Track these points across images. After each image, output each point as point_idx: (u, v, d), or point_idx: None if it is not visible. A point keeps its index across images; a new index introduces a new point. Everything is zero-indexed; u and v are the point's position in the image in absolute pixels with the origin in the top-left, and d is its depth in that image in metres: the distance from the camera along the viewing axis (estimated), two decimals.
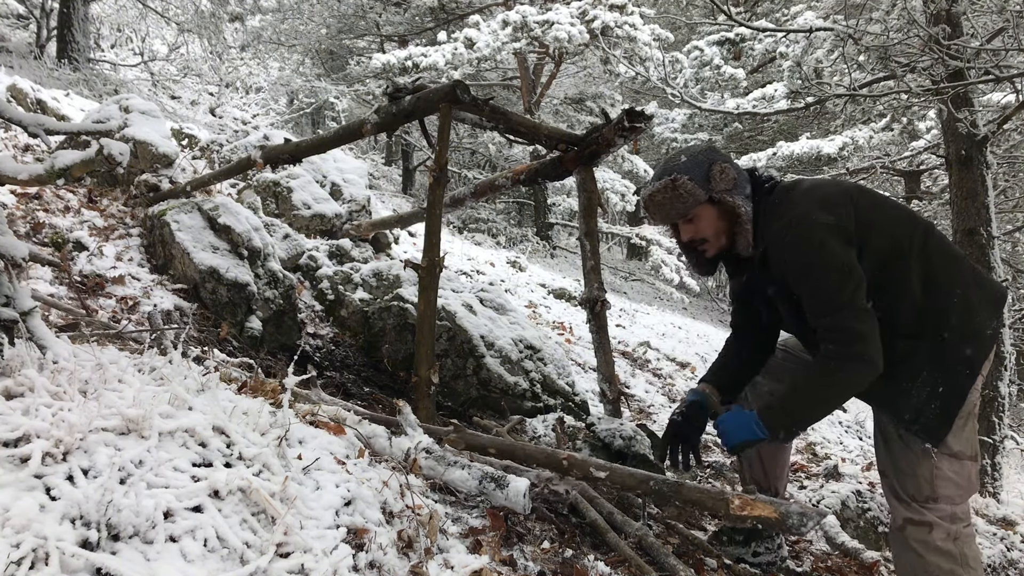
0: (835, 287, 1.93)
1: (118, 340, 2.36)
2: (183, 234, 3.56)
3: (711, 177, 2.07)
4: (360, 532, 1.50)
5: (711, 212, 2.10)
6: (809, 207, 2.01)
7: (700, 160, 2.10)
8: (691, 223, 2.13)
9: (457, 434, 2.36)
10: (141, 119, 4.67)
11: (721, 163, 2.09)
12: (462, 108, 3.11)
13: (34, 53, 11.41)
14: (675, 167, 2.10)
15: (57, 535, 1.10)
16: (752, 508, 1.87)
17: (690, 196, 2.06)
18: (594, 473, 2.17)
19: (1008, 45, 5.41)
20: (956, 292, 1.99)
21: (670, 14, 16.74)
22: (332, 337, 4.03)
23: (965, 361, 1.97)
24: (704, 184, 2.06)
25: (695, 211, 2.10)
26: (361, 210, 6.10)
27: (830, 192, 2.07)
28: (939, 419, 1.97)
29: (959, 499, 2.02)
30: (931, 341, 1.97)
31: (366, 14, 17.25)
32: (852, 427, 6.47)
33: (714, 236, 2.13)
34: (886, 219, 2.03)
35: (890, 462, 2.10)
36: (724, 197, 2.07)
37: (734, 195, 2.07)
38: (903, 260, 1.99)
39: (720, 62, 11.21)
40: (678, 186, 2.06)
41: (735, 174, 2.09)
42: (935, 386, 1.97)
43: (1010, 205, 9.65)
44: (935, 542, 2.00)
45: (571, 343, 6.44)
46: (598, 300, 3.31)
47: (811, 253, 1.95)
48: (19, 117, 1.77)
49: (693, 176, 2.06)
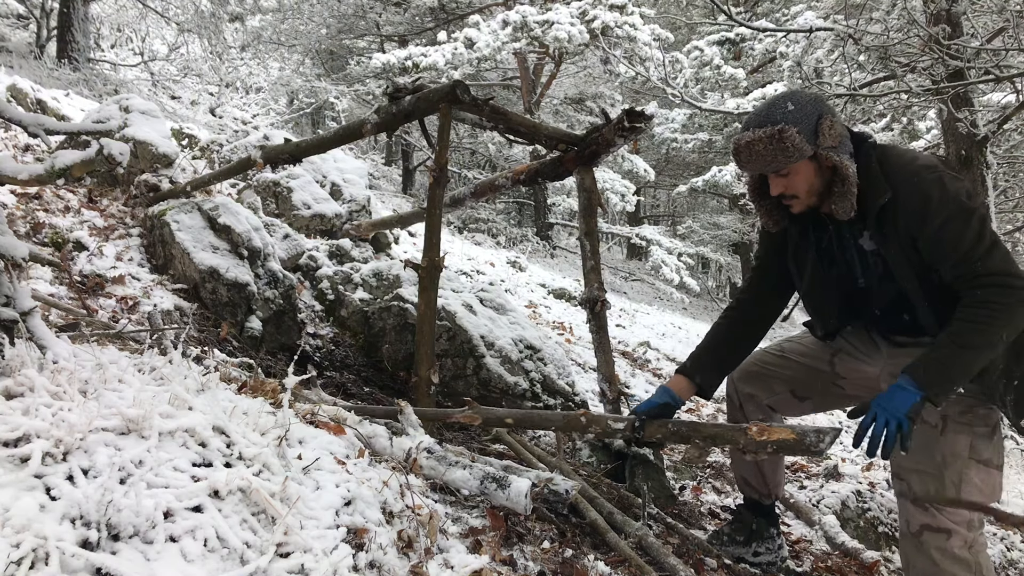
0: (980, 230, 1.85)
1: (118, 340, 2.36)
2: (183, 234, 3.56)
3: (820, 131, 1.89)
4: (360, 532, 1.50)
5: (810, 168, 1.95)
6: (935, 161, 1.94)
7: (809, 111, 1.91)
8: (785, 177, 1.97)
9: (472, 410, 2.39)
10: (141, 119, 4.67)
11: (830, 117, 1.92)
12: (462, 108, 3.11)
13: (34, 53, 11.41)
14: (783, 115, 1.90)
15: (57, 535, 1.09)
16: (770, 434, 1.93)
17: (796, 151, 1.89)
18: (612, 425, 2.26)
19: (1008, 45, 5.41)
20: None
21: (670, 14, 16.74)
22: (332, 337, 4.03)
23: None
24: (812, 139, 1.89)
25: (794, 166, 1.94)
26: (361, 210, 6.10)
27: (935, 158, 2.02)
28: (1014, 411, 1.94)
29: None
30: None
31: (366, 14, 17.26)
32: (852, 427, 6.47)
33: (806, 194, 1.99)
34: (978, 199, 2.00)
35: (910, 463, 2.02)
36: (831, 155, 1.90)
37: (840, 153, 1.92)
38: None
39: (720, 62, 11.22)
40: (785, 138, 1.87)
41: (843, 130, 1.94)
42: (1011, 378, 1.93)
43: (1010, 205, 9.65)
44: (953, 549, 1.96)
45: (571, 343, 6.44)
46: (598, 300, 3.31)
47: (956, 198, 1.86)
48: (19, 117, 1.77)
49: (802, 128, 1.88)
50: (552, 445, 2.99)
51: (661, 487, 2.89)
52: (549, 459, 2.63)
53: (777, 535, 2.53)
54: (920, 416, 1.86)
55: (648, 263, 15.60)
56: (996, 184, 8.12)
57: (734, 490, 3.45)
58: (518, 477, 2.00)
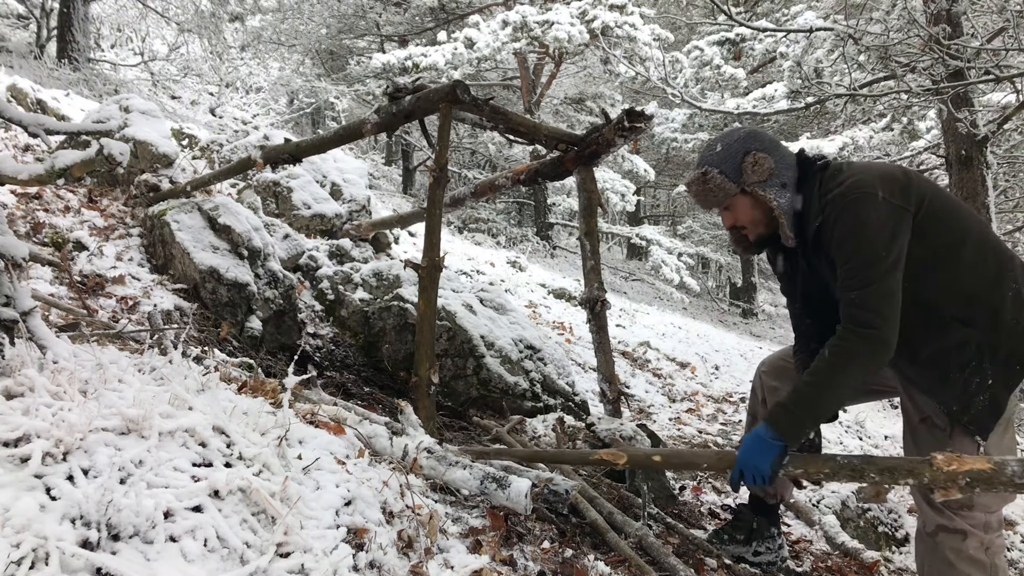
0: (871, 259, 1.86)
1: (118, 340, 2.36)
2: (183, 234, 3.56)
3: (743, 169, 2.01)
4: (360, 532, 1.50)
5: (745, 202, 2.05)
6: (870, 179, 1.94)
7: (734, 151, 2.03)
8: (728, 210, 2.10)
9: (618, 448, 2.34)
10: (141, 119, 4.67)
11: (756, 153, 2.01)
12: (462, 108, 3.11)
13: (34, 53, 11.40)
14: (708, 158, 2.06)
15: (57, 535, 1.09)
16: (960, 464, 1.69)
17: (719, 190, 2.03)
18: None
19: (1008, 45, 5.41)
20: (1011, 286, 1.94)
21: (670, 14, 16.74)
22: (332, 337, 4.03)
23: (1019, 356, 1.92)
24: (736, 177, 2.01)
25: (729, 201, 2.06)
26: (361, 210, 6.10)
27: (889, 171, 2.01)
28: (988, 411, 1.92)
29: (995, 507, 1.98)
30: (983, 332, 1.92)
31: (366, 14, 17.25)
32: (852, 427, 6.47)
33: (751, 224, 2.09)
34: (944, 205, 1.98)
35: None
36: (756, 190, 2.01)
37: (767, 187, 2.01)
38: (958, 247, 1.95)
39: (720, 62, 11.22)
40: (708, 180, 2.03)
41: (771, 164, 2.01)
42: (984, 378, 1.91)
43: (1010, 205, 9.65)
44: (968, 551, 1.96)
45: (571, 343, 6.44)
46: (598, 300, 3.31)
47: (861, 220, 1.88)
48: (19, 117, 1.77)
49: (724, 169, 2.02)
50: (552, 445, 2.99)
51: (661, 487, 2.89)
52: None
53: (778, 535, 2.52)
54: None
55: (648, 263, 15.59)
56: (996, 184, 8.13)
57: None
58: (518, 477, 2.00)
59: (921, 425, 2.06)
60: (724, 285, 24.83)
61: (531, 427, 3.20)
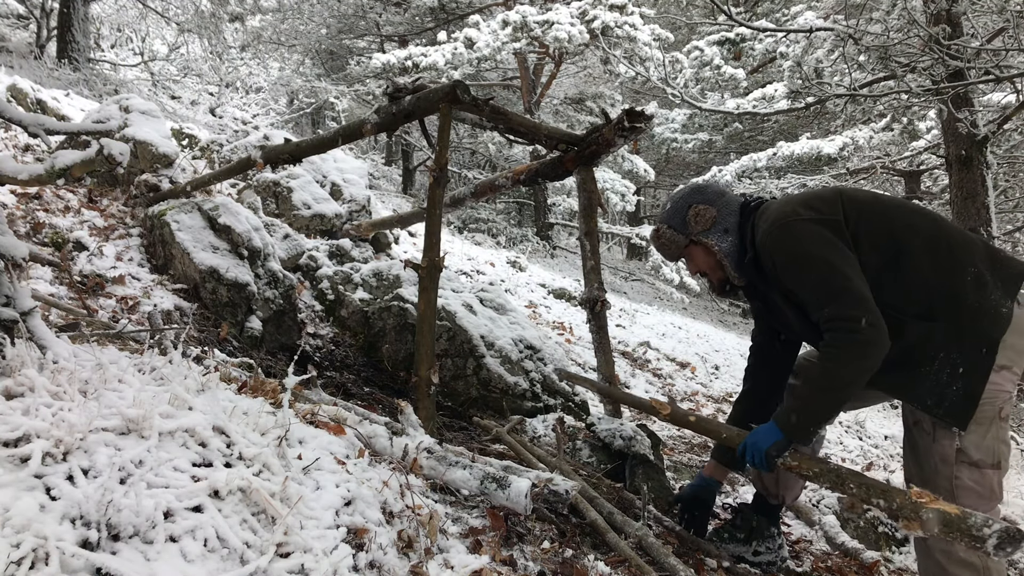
0: (827, 276, 1.95)
1: (118, 340, 2.36)
2: (183, 234, 3.56)
3: (687, 222, 2.25)
4: (360, 532, 1.50)
5: (698, 251, 2.28)
6: (791, 207, 2.08)
7: (680, 206, 2.28)
8: (689, 260, 2.34)
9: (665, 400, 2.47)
10: (141, 119, 4.67)
11: (698, 205, 2.24)
12: (462, 108, 3.11)
13: (34, 53, 11.40)
14: (661, 216, 2.33)
15: (57, 535, 1.09)
16: (931, 501, 1.69)
17: (672, 243, 2.29)
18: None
19: (1008, 45, 5.41)
20: (970, 270, 1.96)
21: (670, 14, 16.74)
22: (332, 337, 4.03)
23: (983, 338, 1.93)
24: (683, 229, 2.26)
25: (685, 251, 2.30)
26: (361, 210, 6.10)
27: (813, 193, 2.14)
28: (963, 400, 1.93)
29: (982, 509, 1.95)
30: (946, 321, 1.95)
31: (366, 14, 17.25)
32: (852, 427, 6.47)
33: (709, 270, 2.30)
34: (880, 206, 2.06)
35: (917, 471, 2.07)
36: (700, 239, 2.25)
37: (710, 235, 2.23)
38: (908, 247, 1.98)
39: (720, 62, 11.22)
40: (660, 235, 2.31)
41: (713, 213, 2.22)
42: (955, 367, 1.94)
43: (1010, 205, 9.65)
44: (957, 553, 1.97)
45: (571, 343, 6.44)
46: (598, 300, 3.31)
47: (797, 247, 2.00)
48: (19, 117, 1.77)
49: (672, 223, 2.28)
50: (552, 445, 2.99)
51: (661, 487, 2.89)
52: (549, 459, 2.63)
53: (778, 534, 2.53)
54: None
55: (648, 263, 15.58)
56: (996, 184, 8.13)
57: (734, 489, 3.45)
58: (518, 477, 2.00)
59: (914, 428, 2.10)
60: None
61: (531, 427, 3.20)
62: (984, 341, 1.94)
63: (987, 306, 1.94)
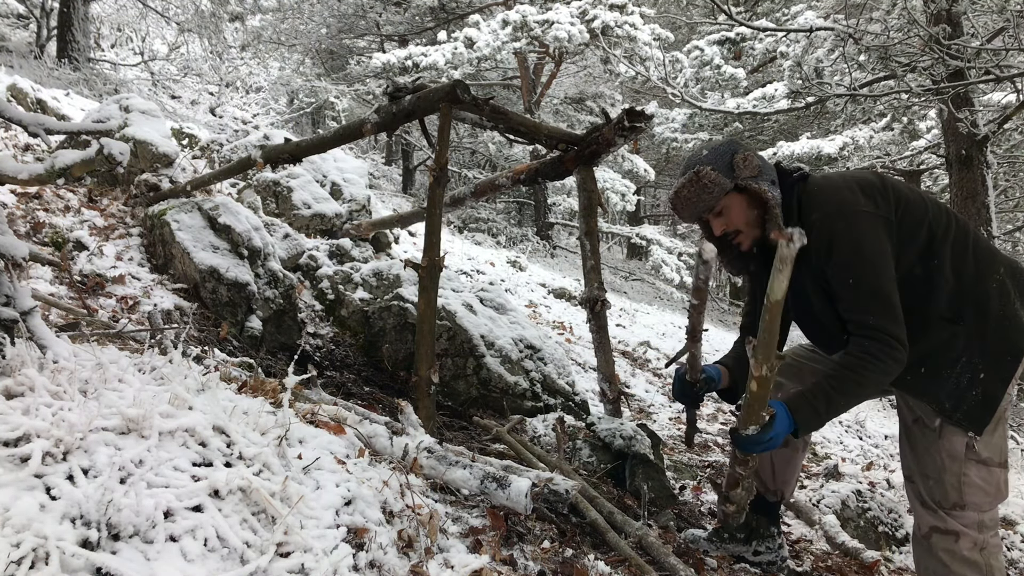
0: (878, 283, 1.89)
1: (118, 340, 2.36)
2: (183, 234, 3.56)
3: (735, 165, 2.02)
4: (360, 532, 1.50)
5: (740, 201, 2.05)
6: (852, 194, 1.96)
7: (722, 151, 2.06)
8: (720, 216, 2.08)
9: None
10: (141, 119, 4.67)
11: (744, 151, 2.05)
12: (462, 108, 3.11)
13: (34, 53, 11.40)
14: (698, 160, 2.07)
15: (57, 535, 1.09)
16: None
17: (715, 186, 2.02)
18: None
19: (1008, 45, 5.41)
20: (995, 277, 1.95)
21: (670, 14, 16.72)
22: (332, 337, 4.03)
23: (1009, 347, 1.93)
24: (728, 173, 2.02)
25: (723, 202, 2.05)
26: (361, 210, 6.10)
27: (868, 179, 2.03)
28: (981, 406, 1.92)
29: (987, 506, 1.98)
30: (972, 327, 1.93)
31: (366, 14, 17.25)
32: (852, 427, 6.46)
33: (746, 226, 2.07)
34: (918, 206, 2.00)
35: (917, 467, 2.05)
36: (750, 184, 2.02)
37: (760, 181, 2.02)
38: (939, 246, 1.96)
39: (720, 62, 11.22)
40: (702, 177, 2.02)
41: (759, 162, 2.05)
42: (976, 372, 1.92)
43: (1010, 205, 9.65)
44: (961, 552, 1.96)
45: (571, 343, 6.44)
46: (598, 300, 3.31)
47: (857, 244, 1.91)
48: (19, 117, 1.77)
49: (716, 166, 2.02)
50: (552, 445, 2.99)
51: (661, 487, 2.89)
52: (549, 459, 2.63)
53: (778, 534, 2.53)
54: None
55: (648, 263, 15.59)
56: (996, 184, 8.13)
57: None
58: (518, 477, 2.00)
59: (914, 425, 2.08)
60: (724, 285, 24.81)
61: (531, 427, 3.20)
62: (1011, 350, 1.93)
63: (1010, 314, 1.94)
